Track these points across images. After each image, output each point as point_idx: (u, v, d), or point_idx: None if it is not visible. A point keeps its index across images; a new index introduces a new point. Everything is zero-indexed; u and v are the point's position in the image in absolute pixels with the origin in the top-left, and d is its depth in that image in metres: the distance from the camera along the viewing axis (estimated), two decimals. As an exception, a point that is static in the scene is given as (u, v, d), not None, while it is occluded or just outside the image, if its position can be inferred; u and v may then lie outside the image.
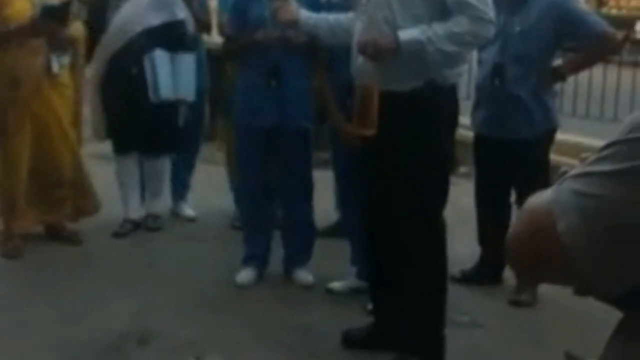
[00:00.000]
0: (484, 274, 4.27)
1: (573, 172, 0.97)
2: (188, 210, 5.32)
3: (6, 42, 4.38)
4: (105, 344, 3.43)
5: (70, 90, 4.66)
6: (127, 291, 4.04)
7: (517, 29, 3.93)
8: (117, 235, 4.90)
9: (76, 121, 4.81)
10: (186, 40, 4.86)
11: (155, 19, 4.73)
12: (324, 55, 3.90)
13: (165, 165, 5.12)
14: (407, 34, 3.01)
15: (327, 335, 3.55)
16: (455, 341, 3.38)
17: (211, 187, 5.52)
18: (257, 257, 4.21)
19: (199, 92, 5.00)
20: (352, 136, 3.22)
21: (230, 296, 4.02)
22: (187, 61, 4.86)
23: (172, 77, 4.79)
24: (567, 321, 3.77)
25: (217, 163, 5.63)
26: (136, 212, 5.03)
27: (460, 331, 3.62)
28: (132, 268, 4.41)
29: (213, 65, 5.14)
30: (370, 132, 3.04)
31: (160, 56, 4.73)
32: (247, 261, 4.20)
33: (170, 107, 4.89)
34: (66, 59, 4.54)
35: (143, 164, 5.05)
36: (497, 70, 3.98)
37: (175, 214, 5.33)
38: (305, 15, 3.57)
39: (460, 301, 3.89)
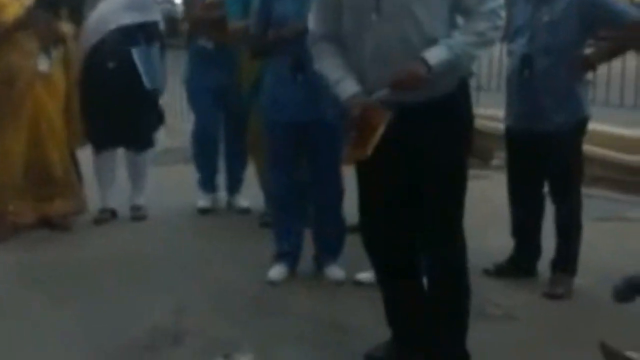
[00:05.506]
0: (518, 267, 4.23)
1: None
2: (243, 202, 5.52)
3: (2, 41, 4.67)
4: (141, 343, 3.44)
5: (62, 88, 4.92)
6: (158, 289, 4.06)
7: (546, 19, 3.87)
8: (97, 222, 5.16)
9: (69, 117, 5.02)
10: (158, 40, 5.15)
11: (127, 19, 4.99)
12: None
13: (146, 160, 5.34)
14: (434, 56, 2.76)
15: (358, 330, 3.54)
16: (489, 334, 3.34)
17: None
18: (288, 254, 4.21)
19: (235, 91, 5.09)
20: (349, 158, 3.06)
21: (261, 292, 4.02)
22: (156, 54, 5.16)
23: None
24: (603, 314, 3.71)
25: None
26: (114, 201, 5.30)
27: (494, 324, 3.59)
28: (162, 266, 4.43)
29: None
30: (364, 156, 2.86)
31: (143, 49, 5.00)
32: (279, 258, 4.20)
33: (148, 102, 5.13)
34: (57, 54, 4.83)
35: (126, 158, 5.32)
36: (526, 62, 3.93)
37: (230, 207, 5.55)
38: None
39: (494, 294, 3.87)
